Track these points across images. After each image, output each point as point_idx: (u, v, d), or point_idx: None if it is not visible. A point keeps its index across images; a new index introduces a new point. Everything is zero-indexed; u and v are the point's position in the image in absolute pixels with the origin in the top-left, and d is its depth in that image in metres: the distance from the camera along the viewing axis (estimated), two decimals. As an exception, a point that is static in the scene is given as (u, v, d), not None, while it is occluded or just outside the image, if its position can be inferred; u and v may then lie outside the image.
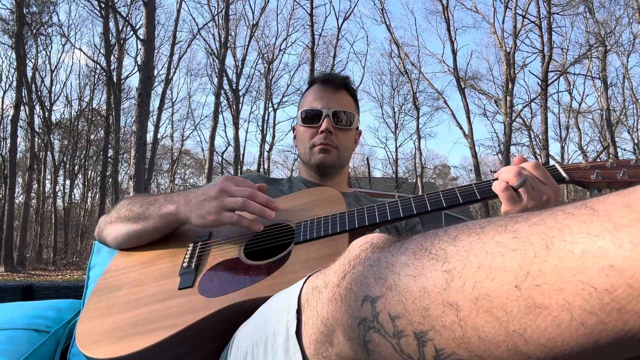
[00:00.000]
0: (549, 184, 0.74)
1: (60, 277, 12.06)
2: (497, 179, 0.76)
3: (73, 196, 23.62)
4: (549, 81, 15.42)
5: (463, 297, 0.32)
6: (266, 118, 22.37)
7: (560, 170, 0.77)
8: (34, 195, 19.16)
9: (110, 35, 17.27)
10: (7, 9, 16.75)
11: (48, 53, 20.59)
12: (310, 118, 1.16)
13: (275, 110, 22.47)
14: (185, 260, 0.85)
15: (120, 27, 17.41)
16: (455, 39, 20.19)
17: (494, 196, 0.76)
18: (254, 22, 20.77)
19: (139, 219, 0.92)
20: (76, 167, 23.15)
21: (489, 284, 0.31)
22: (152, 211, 0.90)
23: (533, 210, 0.72)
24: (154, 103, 17.09)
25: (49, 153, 20.49)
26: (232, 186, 0.84)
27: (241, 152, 21.40)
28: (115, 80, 16.96)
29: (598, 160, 0.82)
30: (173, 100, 24.48)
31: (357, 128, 1.25)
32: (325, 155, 1.15)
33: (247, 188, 0.84)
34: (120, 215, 0.96)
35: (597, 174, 0.75)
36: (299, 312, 0.49)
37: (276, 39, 22.44)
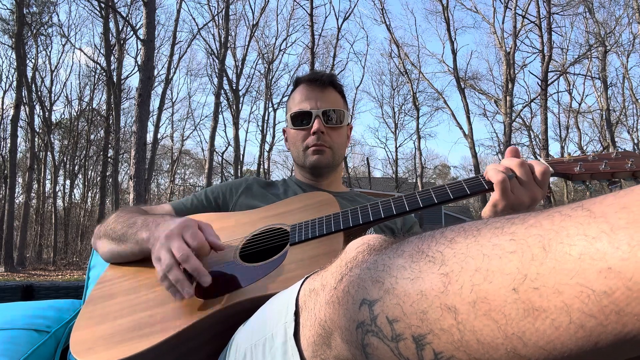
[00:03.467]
0: (533, 182, 0.77)
1: (60, 277, 12.05)
2: (487, 180, 0.78)
3: (73, 196, 23.64)
4: (549, 81, 15.41)
5: (461, 300, 0.32)
6: (266, 118, 22.38)
7: (546, 164, 0.80)
8: (34, 195, 19.16)
9: (110, 35, 17.26)
10: (7, 9, 16.75)
11: (48, 53, 20.69)
12: (300, 120, 1.14)
13: (275, 110, 22.48)
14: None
15: (120, 27, 17.41)
16: (455, 39, 20.21)
17: (483, 190, 0.78)
18: (254, 22, 20.78)
19: (120, 240, 0.92)
20: (76, 167, 23.16)
21: (486, 286, 0.31)
22: (130, 235, 0.89)
23: (522, 208, 0.74)
24: (154, 103, 17.12)
25: (49, 153, 20.49)
26: (176, 241, 0.75)
27: (241, 152, 21.42)
28: (115, 80, 16.95)
29: (580, 154, 0.87)
30: (173, 100, 24.50)
31: (348, 124, 1.23)
32: (320, 156, 1.14)
33: (185, 249, 0.73)
34: (107, 231, 0.97)
35: (580, 166, 0.79)
36: (297, 314, 0.49)
37: (276, 39, 22.45)
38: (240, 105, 20.62)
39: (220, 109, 18.36)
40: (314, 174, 1.19)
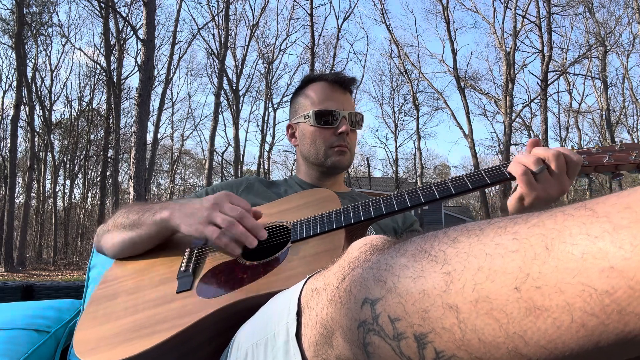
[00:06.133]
0: (565, 174, 0.75)
1: (60, 277, 12.06)
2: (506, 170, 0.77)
3: (73, 196, 23.65)
4: (549, 81, 15.43)
5: (463, 299, 0.32)
6: (266, 118, 22.37)
7: (579, 155, 0.79)
8: (34, 195, 19.16)
9: (110, 35, 17.27)
10: (7, 9, 16.76)
11: (48, 53, 20.75)
12: (326, 118, 1.15)
13: (275, 110, 22.48)
14: (182, 265, 0.85)
15: (120, 27, 17.41)
16: (455, 39, 20.22)
17: (482, 186, 0.77)
18: (254, 22, 20.77)
19: (134, 226, 0.91)
20: (76, 167, 23.15)
21: (488, 285, 0.31)
22: (147, 218, 0.89)
23: (550, 201, 0.73)
24: (154, 103, 17.12)
25: (49, 153, 20.50)
26: (227, 203, 0.83)
27: (241, 152, 21.42)
28: (115, 80, 16.96)
29: (584, 147, 0.85)
30: (173, 100, 24.50)
31: None
32: (342, 157, 1.15)
33: (239, 209, 0.82)
34: (116, 223, 0.96)
35: (584, 159, 0.77)
36: (298, 314, 0.49)
37: (276, 39, 22.44)
38: (240, 105, 20.64)
39: (220, 109, 18.38)
40: (327, 173, 1.19)
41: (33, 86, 17.92)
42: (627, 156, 0.75)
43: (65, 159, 22.62)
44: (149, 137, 16.41)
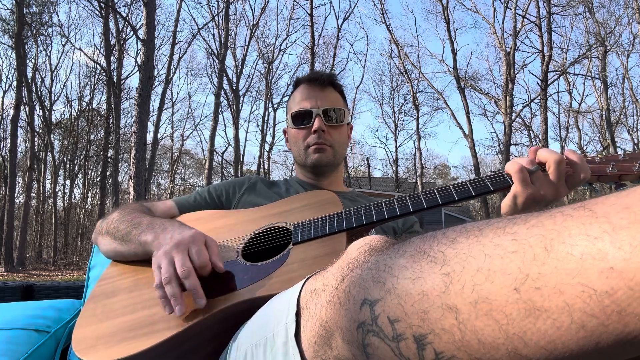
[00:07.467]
0: (563, 182, 0.75)
1: (60, 277, 12.05)
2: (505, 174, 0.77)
3: (73, 196, 23.63)
4: (549, 81, 15.45)
5: (462, 300, 0.32)
6: (266, 118, 22.39)
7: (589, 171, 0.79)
8: (34, 195, 19.16)
9: (110, 35, 17.27)
10: (7, 9, 16.76)
11: (48, 53, 20.71)
12: (301, 119, 1.15)
13: (275, 110, 22.48)
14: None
15: (120, 27, 17.42)
16: (455, 39, 20.20)
17: (486, 192, 0.77)
18: (254, 22, 20.79)
19: (123, 240, 0.91)
20: (76, 167, 23.15)
21: (488, 286, 0.31)
22: (134, 235, 0.88)
23: (541, 203, 0.73)
24: (154, 103, 17.11)
25: (49, 153, 20.50)
26: (183, 253, 0.75)
27: (241, 152, 21.41)
28: (115, 80, 16.96)
29: (588, 155, 0.84)
30: (173, 100, 24.48)
31: (348, 123, 1.24)
32: (321, 154, 1.14)
33: (186, 269, 0.72)
34: (109, 229, 0.96)
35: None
36: (298, 314, 0.49)
37: (276, 39, 22.46)
38: (240, 105, 20.66)
39: (220, 109, 18.40)
40: (315, 173, 1.19)
41: (33, 86, 17.93)
42: (630, 166, 0.75)
43: (65, 159, 22.62)
44: (149, 137, 16.41)
